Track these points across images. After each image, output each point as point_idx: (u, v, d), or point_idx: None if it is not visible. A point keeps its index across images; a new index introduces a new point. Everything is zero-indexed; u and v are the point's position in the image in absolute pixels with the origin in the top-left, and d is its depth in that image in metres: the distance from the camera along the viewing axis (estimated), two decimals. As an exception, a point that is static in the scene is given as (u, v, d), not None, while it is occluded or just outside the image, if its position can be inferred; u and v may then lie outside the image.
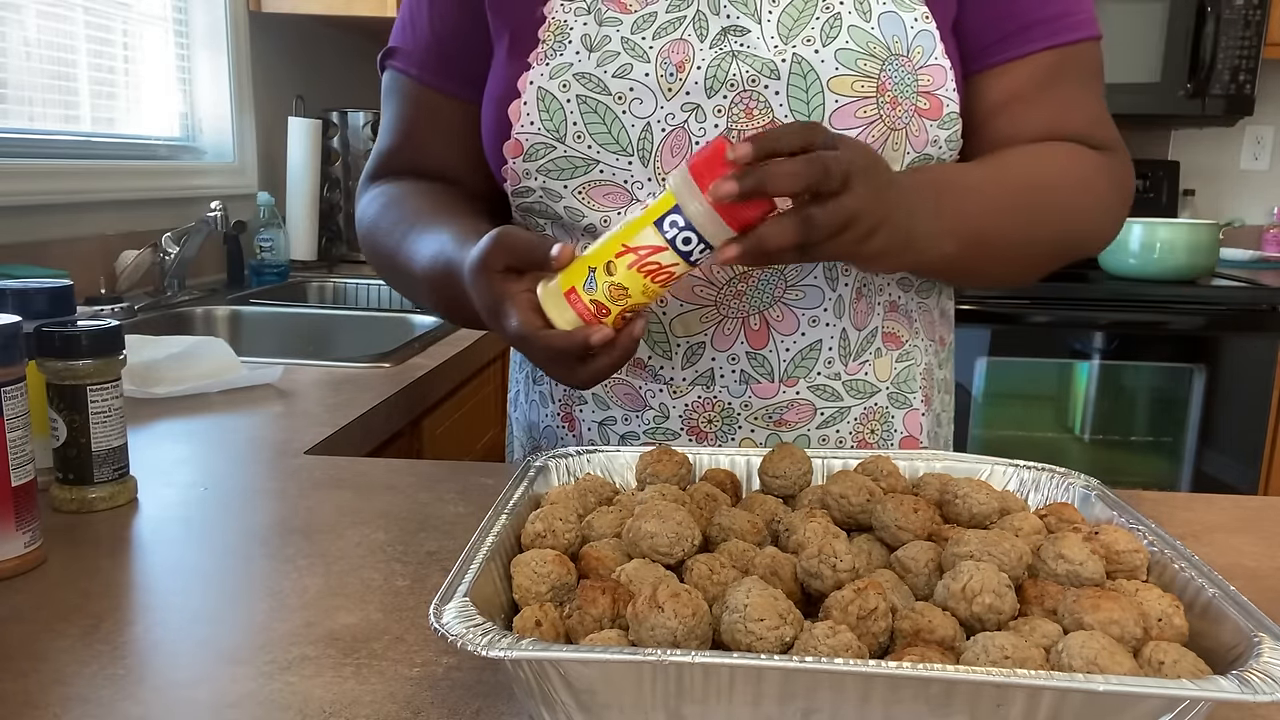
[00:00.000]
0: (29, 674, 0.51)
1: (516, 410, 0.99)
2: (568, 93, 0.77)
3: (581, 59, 0.77)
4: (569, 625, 0.47)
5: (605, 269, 0.64)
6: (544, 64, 0.78)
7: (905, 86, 0.76)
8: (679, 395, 0.83)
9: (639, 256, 0.63)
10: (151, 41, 2.03)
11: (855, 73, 0.75)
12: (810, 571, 0.50)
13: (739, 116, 0.76)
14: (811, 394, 0.83)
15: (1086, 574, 0.50)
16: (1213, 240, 2.52)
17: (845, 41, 0.75)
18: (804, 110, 0.75)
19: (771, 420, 0.83)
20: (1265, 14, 2.61)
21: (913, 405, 0.88)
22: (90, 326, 0.72)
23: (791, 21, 0.76)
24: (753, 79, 0.75)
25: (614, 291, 0.64)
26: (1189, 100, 2.69)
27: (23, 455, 0.64)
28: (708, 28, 0.76)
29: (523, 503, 0.58)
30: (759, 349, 0.81)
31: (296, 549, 0.68)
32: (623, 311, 0.65)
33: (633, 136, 0.77)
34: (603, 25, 0.78)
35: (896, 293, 0.86)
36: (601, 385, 0.86)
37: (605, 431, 0.87)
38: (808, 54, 0.75)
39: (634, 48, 0.77)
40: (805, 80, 0.75)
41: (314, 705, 0.49)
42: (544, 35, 0.79)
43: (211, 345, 1.17)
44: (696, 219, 0.61)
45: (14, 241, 1.53)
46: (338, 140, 2.47)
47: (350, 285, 2.18)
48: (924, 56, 0.77)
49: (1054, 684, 0.39)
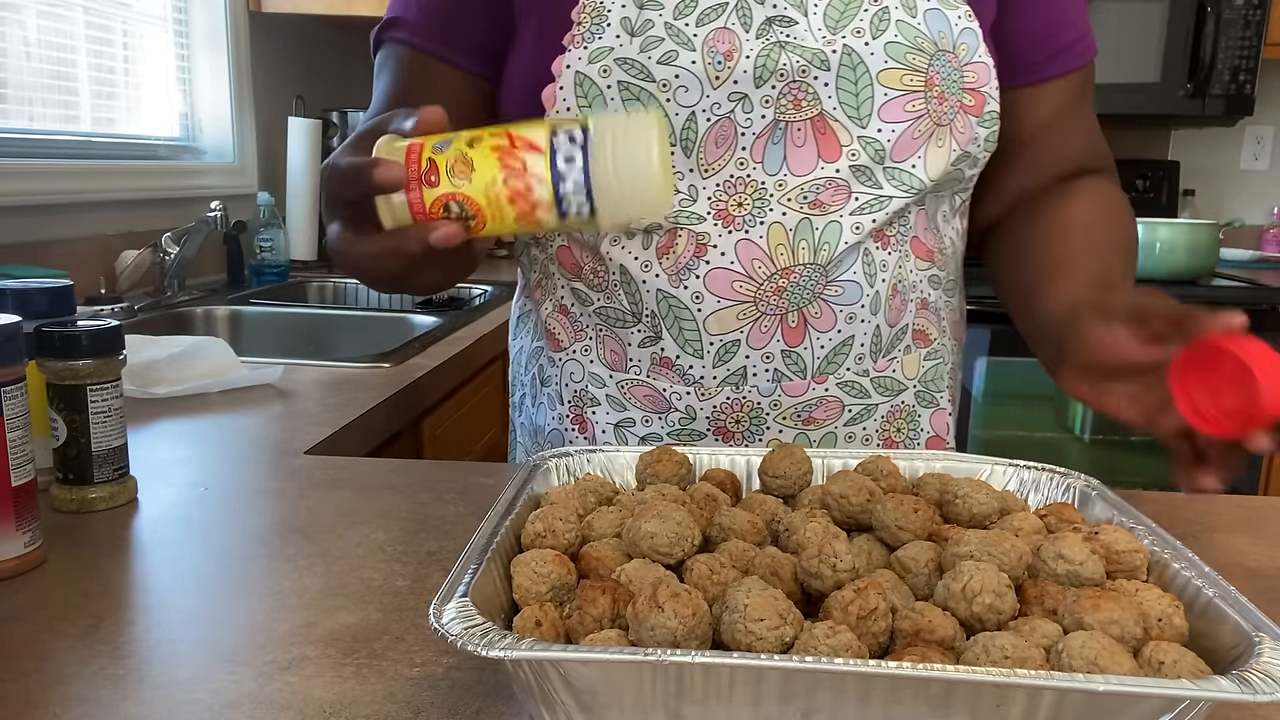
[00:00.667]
0: (29, 674, 0.51)
1: (521, 415, 0.96)
2: (608, 78, 0.74)
3: (623, 43, 0.74)
4: (569, 625, 0.47)
5: (468, 141, 0.53)
6: (581, 47, 0.75)
7: (951, 82, 0.77)
8: (707, 397, 0.81)
9: (510, 145, 0.52)
10: (151, 41, 2.03)
11: (904, 66, 0.75)
12: (810, 571, 0.50)
13: (786, 107, 0.75)
14: (840, 390, 0.82)
15: (1086, 574, 0.50)
16: (1213, 240, 2.52)
17: (894, 35, 0.75)
18: (853, 102, 0.75)
19: (800, 419, 0.82)
20: (1265, 14, 2.61)
21: (939, 405, 0.87)
22: (90, 326, 0.72)
23: (839, 13, 0.75)
24: (803, 69, 0.74)
25: (458, 165, 0.52)
26: (1189, 100, 2.68)
27: (23, 455, 0.64)
28: (752, 17, 0.75)
29: (523, 503, 0.58)
30: (794, 346, 0.80)
31: (296, 549, 0.68)
32: (447, 199, 0.52)
33: (676, 126, 0.75)
34: (643, 8, 0.75)
35: (928, 289, 0.85)
36: (618, 386, 0.84)
37: (623, 434, 0.85)
38: (857, 45, 0.74)
39: (678, 34, 0.74)
40: (855, 73, 0.74)
41: (314, 705, 0.49)
42: (579, 16, 0.75)
43: (211, 345, 1.17)
44: (610, 170, 0.51)
45: (14, 241, 1.53)
46: (338, 140, 2.47)
47: (350, 285, 2.18)
48: (969, 54, 0.78)
49: (1054, 684, 0.39)
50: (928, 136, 0.77)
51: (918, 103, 0.76)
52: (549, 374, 0.90)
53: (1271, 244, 3.11)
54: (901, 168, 0.77)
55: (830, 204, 0.77)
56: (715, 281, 0.78)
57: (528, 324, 0.95)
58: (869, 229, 0.78)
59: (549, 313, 0.88)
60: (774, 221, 0.77)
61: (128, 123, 1.96)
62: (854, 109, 0.75)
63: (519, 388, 0.97)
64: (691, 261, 0.78)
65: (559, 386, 0.88)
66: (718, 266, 0.78)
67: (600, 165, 0.50)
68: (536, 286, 0.90)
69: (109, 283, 1.72)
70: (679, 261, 0.78)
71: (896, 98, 0.75)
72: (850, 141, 0.76)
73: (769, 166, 0.76)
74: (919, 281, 0.84)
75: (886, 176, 0.77)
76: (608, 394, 0.85)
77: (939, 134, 0.77)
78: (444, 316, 1.71)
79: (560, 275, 0.86)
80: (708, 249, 0.78)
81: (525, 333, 0.96)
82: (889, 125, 0.76)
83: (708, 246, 0.78)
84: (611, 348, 0.84)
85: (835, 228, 0.77)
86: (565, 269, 0.85)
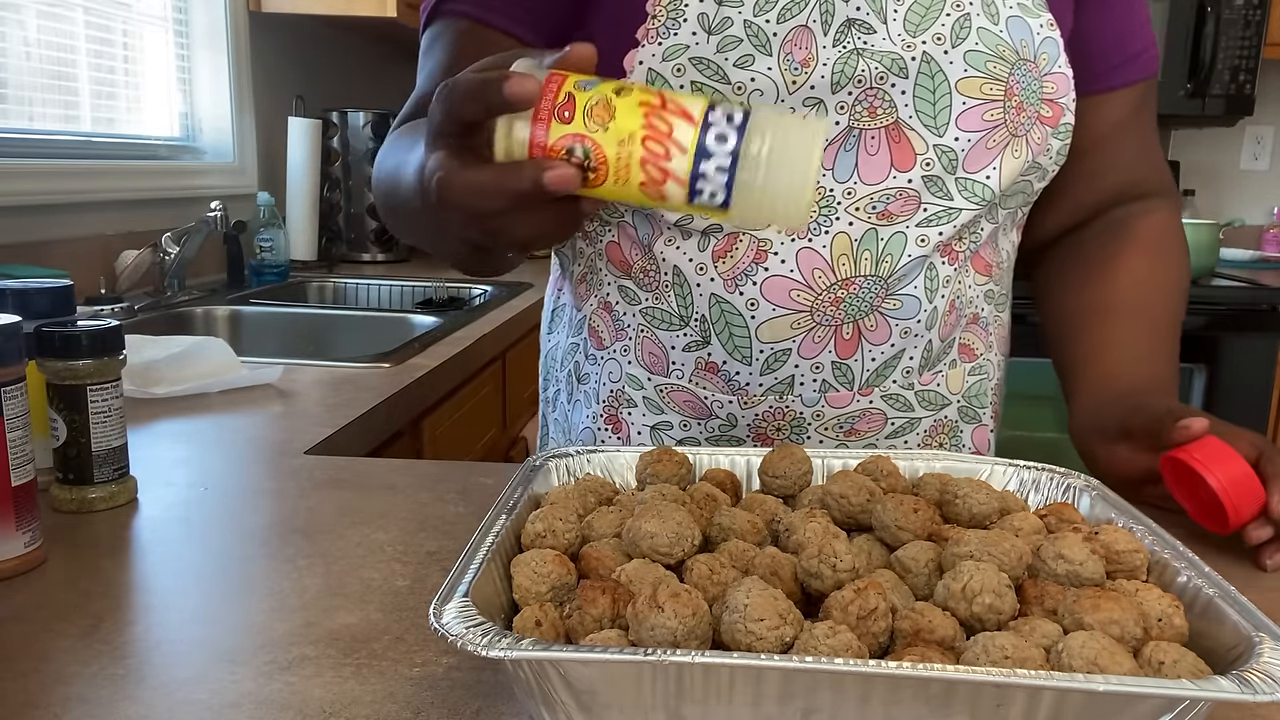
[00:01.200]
0: (29, 674, 0.51)
1: (555, 410, 0.94)
2: (681, 78, 0.72)
3: (699, 41, 0.72)
4: (569, 625, 0.47)
5: (616, 89, 0.47)
6: (656, 43, 0.72)
7: (1030, 92, 0.75)
8: (750, 405, 0.80)
9: (660, 105, 0.46)
10: (151, 41, 2.03)
11: (984, 75, 0.73)
12: (810, 571, 0.50)
13: (861, 114, 0.73)
14: (885, 403, 0.80)
15: (1086, 574, 0.50)
16: (1213, 240, 2.52)
17: (975, 43, 0.73)
18: (930, 110, 0.73)
19: (842, 430, 0.80)
20: (1265, 14, 2.61)
21: (982, 421, 0.86)
22: (90, 326, 0.72)
23: (918, 19, 0.73)
24: (880, 76, 0.72)
25: (598, 108, 0.47)
26: (1189, 100, 2.69)
27: (23, 455, 0.64)
28: (834, 15, 0.72)
29: (523, 503, 0.58)
30: (845, 358, 0.78)
31: (296, 549, 0.68)
32: (574, 140, 0.47)
33: None
34: (722, 5, 0.72)
35: (982, 304, 0.84)
36: (657, 390, 0.82)
37: (659, 436, 0.83)
38: (936, 53, 0.73)
39: (757, 34, 0.71)
40: (933, 81, 0.73)
41: (314, 705, 0.49)
42: (655, 9, 0.72)
43: (211, 345, 1.17)
44: (762, 163, 0.45)
45: (14, 241, 1.53)
46: (338, 140, 2.47)
47: (350, 285, 2.18)
48: (1049, 64, 0.76)
49: (1054, 684, 0.39)
50: (1003, 147, 0.75)
51: (995, 112, 0.74)
52: (586, 371, 0.87)
53: (1271, 244, 3.11)
54: (974, 178, 0.76)
55: (898, 214, 0.75)
56: (772, 289, 0.76)
57: (563, 319, 0.92)
58: (934, 242, 0.76)
59: (593, 309, 0.86)
60: (839, 231, 0.75)
61: (128, 123, 1.96)
62: (930, 117, 0.73)
63: (553, 383, 0.94)
64: (750, 267, 0.76)
65: (596, 385, 0.86)
66: (776, 274, 0.75)
67: (751, 156, 0.45)
68: (581, 281, 0.87)
69: (109, 283, 1.72)
70: (736, 266, 0.76)
71: (975, 106, 0.74)
72: (925, 150, 0.74)
73: (839, 174, 0.75)
74: (976, 297, 0.83)
75: (958, 187, 0.76)
76: (645, 396, 0.83)
77: (1014, 144, 0.76)
78: (444, 316, 1.71)
79: (608, 272, 0.83)
80: (768, 255, 0.75)
81: (561, 328, 0.93)
82: (965, 134, 0.74)
83: (768, 253, 0.75)
84: (651, 350, 0.82)
85: (900, 239, 0.75)
86: (614, 265, 0.82)
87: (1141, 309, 0.83)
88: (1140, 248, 0.85)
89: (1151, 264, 0.85)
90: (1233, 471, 0.65)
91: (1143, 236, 0.86)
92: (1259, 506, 0.65)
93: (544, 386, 0.97)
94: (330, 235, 2.52)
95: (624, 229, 0.81)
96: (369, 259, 2.54)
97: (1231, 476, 0.65)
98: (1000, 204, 0.80)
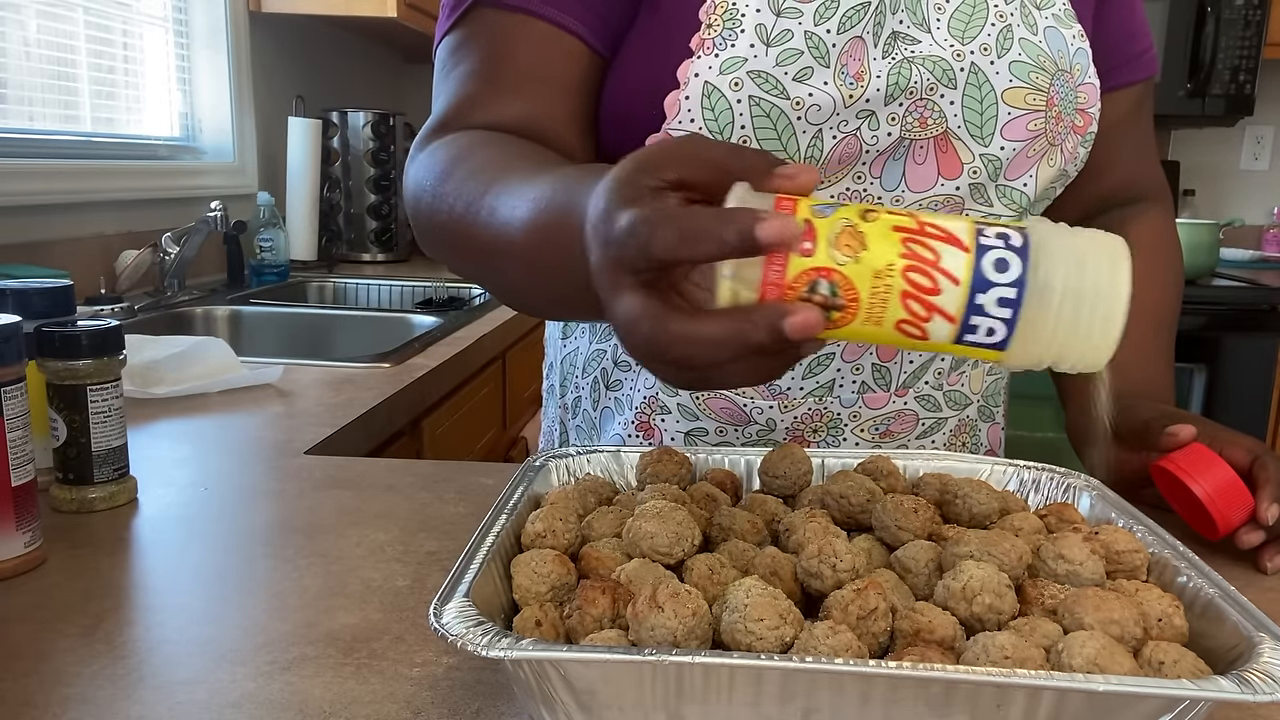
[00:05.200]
0: (29, 674, 0.51)
1: (577, 417, 0.91)
2: (739, 92, 0.69)
3: (757, 54, 0.69)
4: (569, 625, 0.47)
5: (861, 212, 0.40)
6: (713, 54, 0.69)
7: (1068, 103, 0.76)
8: (790, 409, 0.79)
9: (918, 232, 0.40)
10: (151, 41, 2.03)
11: (1028, 85, 0.74)
12: (810, 571, 0.50)
13: (912, 125, 0.73)
14: (917, 404, 0.82)
15: (1086, 574, 0.50)
16: (1213, 240, 2.52)
17: (1019, 54, 0.74)
18: (977, 120, 0.74)
19: (878, 431, 0.81)
20: (1265, 14, 2.61)
21: (996, 419, 0.88)
22: (90, 326, 0.72)
23: (962, 27, 0.73)
24: (930, 86, 0.73)
25: (844, 236, 0.39)
26: (1189, 100, 2.68)
27: (23, 455, 0.64)
28: (883, 26, 0.72)
29: (523, 503, 0.58)
30: (886, 361, 0.79)
31: (296, 549, 0.68)
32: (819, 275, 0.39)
33: (802, 144, 0.71)
34: (781, 15, 0.69)
35: None
36: (692, 397, 0.80)
37: (693, 442, 0.82)
38: (983, 63, 0.73)
39: (817, 45, 0.69)
40: (980, 91, 0.73)
41: (314, 705, 0.49)
42: (710, 18, 0.69)
43: (211, 345, 1.17)
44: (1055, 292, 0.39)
45: (14, 241, 1.53)
46: (338, 140, 2.47)
47: (350, 285, 2.18)
48: (1082, 74, 0.78)
49: (1054, 684, 0.39)
50: (1040, 156, 0.76)
51: (1038, 121, 0.75)
52: (617, 378, 0.86)
53: (1271, 244, 3.11)
54: (1013, 185, 0.77)
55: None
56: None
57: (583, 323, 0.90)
58: None
59: None
60: None
61: (128, 123, 1.96)
62: (978, 127, 0.74)
63: (573, 389, 0.92)
64: None
65: (630, 392, 0.84)
66: None
67: (1042, 285, 0.38)
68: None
69: (109, 283, 1.72)
70: None
71: (1020, 116, 0.74)
72: (972, 159, 0.75)
73: (886, 182, 0.75)
74: None
75: (998, 194, 0.77)
76: (680, 403, 0.81)
77: (1051, 153, 0.77)
78: (444, 316, 1.71)
79: None
80: None
81: (582, 332, 0.91)
82: (1010, 143, 0.75)
83: None
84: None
85: None
86: None
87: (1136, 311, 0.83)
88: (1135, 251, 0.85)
89: (1146, 267, 0.85)
90: (1218, 479, 0.65)
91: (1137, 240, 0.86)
92: (1248, 512, 0.65)
93: (560, 390, 0.94)
94: (330, 235, 2.52)
95: None
96: (369, 259, 2.54)
97: (1217, 485, 0.65)
98: (1031, 210, 0.81)
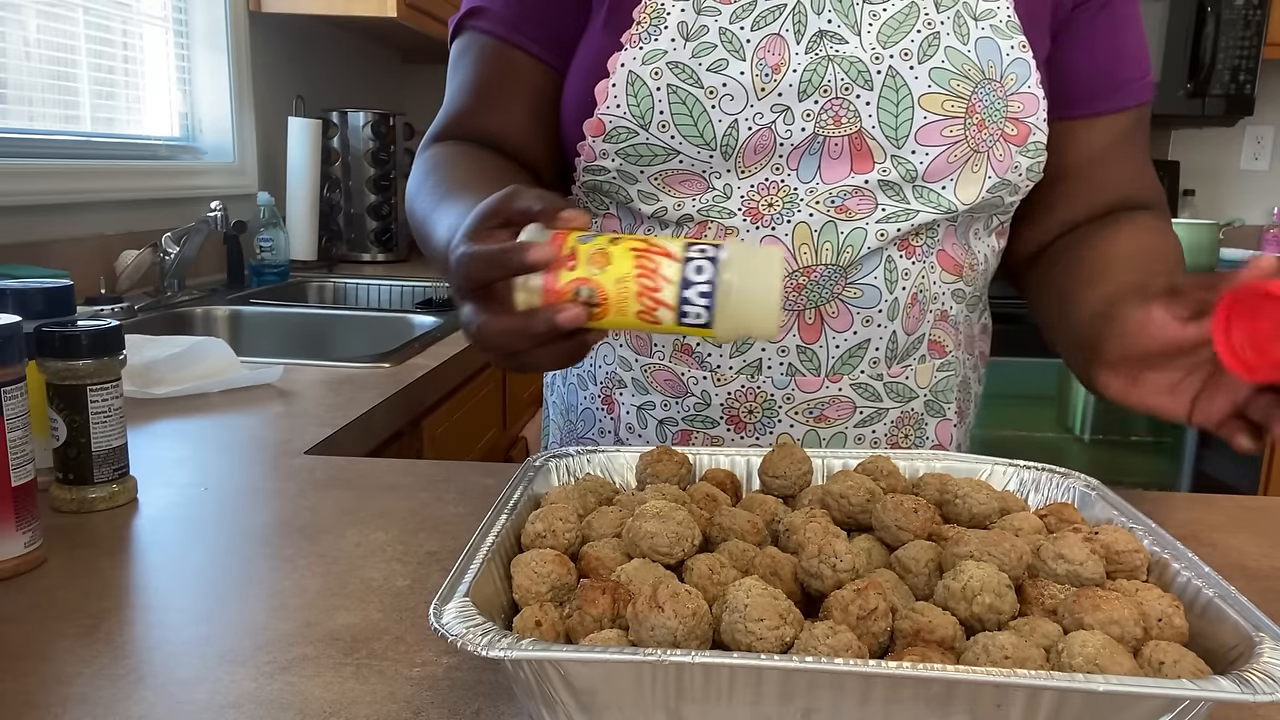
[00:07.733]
0: (29, 674, 0.51)
1: (553, 394, 0.99)
2: (658, 80, 0.76)
3: (677, 47, 0.76)
4: (569, 625, 0.47)
5: (610, 239, 0.56)
6: (637, 47, 0.77)
7: (994, 111, 0.77)
8: (722, 384, 0.84)
9: (647, 248, 0.55)
10: (151, 41, 2.03)
11: (947, 92, 0.76)
12: (810, 571, 0.50)
13: (826, 123, 0.76)
14: (853, 392, 0.84)
15: (1086, 574, 0.50)
16: (1213, 240, 2.52)
17: (941, 60, 0.76)
18: (892, 122, 0.76)
19: (812, 416, 0.84)
20: (1265, 14, 2.62)
21: (946, 415, 0.89)
22: (90, 326, 0.72)
23: (890, 32, 0.76)
24: (846, 86, 0.76)
25: (597, 255, 0.55)
26: (1189, 100, 2.69)
27: (23, 455, 0.64)
28: (805, 25, 0.76)
29: (523, 503, 0.58)
30: (810, 343, 0.82)
31: (296, 549, 0.68)
32: (579, 283, 0.55)
33: (718, 132, 0.77)
34: (701, 14, 0.76)
35: (950, 302, 0.86)
36: (642, 370, 0.87)
37: (644, 416, 0.88)
38: (902, 68, 0.76)
39: (731, 40, 0.76)
40: (897, 94, 0.76)
41: (314, 705, 0.49)
42: (639, 16, 0.77)
43: (211, 345, 1.17)
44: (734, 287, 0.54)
45: (14, 241, 1.53)
46: (338, 140, 2.47)
47: (350, 285, 2.18)
48: (1017, 84, 0.78)
49: (1054, 684, 0.39)
50: (963, 162, 0.78)
51: (956, 129, 0.76)
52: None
53: (1271, 244, 3.11)
54: (932, 188, 0.79)
55: (856, 210, 0.79)
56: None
57: None
58: (893, 236, 0.79)
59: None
60: (800, 221, 0.78)
61: (128, 123, 1.96)
62: (892, 129, 0.76)
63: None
64: None
65: (592, 368, 0.91)
66: None
67: (726, 283, 0.54)
68: None
69: (109, 283, 1.72)
70: None
71: (935, 122, 0.76)
72: (884, 160, 0.77)
73: (803, 174, 0.79)
74: (942, 293, 0.85)
75: (915, 194, 0.79)
76: (633, 377, 0.87)
77: (975, 160, 0.78)
78: (444, 316, 1.71)
79: None
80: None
81: None
82: (924, 148, 0.77)
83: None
84: (638, 332, 0.86)
85: (860, 233, 0.79)
86: None
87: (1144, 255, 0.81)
88: (1136, 227, 0.85)
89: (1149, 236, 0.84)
90: None
91: (1138, 222, 0.86)
92: None
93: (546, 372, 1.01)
94: (330, 235, 2.52)
95: (609, 220, 0.86)
96: (369, 259, 2.54)
97: None
98: (967, 213, 0.82)
